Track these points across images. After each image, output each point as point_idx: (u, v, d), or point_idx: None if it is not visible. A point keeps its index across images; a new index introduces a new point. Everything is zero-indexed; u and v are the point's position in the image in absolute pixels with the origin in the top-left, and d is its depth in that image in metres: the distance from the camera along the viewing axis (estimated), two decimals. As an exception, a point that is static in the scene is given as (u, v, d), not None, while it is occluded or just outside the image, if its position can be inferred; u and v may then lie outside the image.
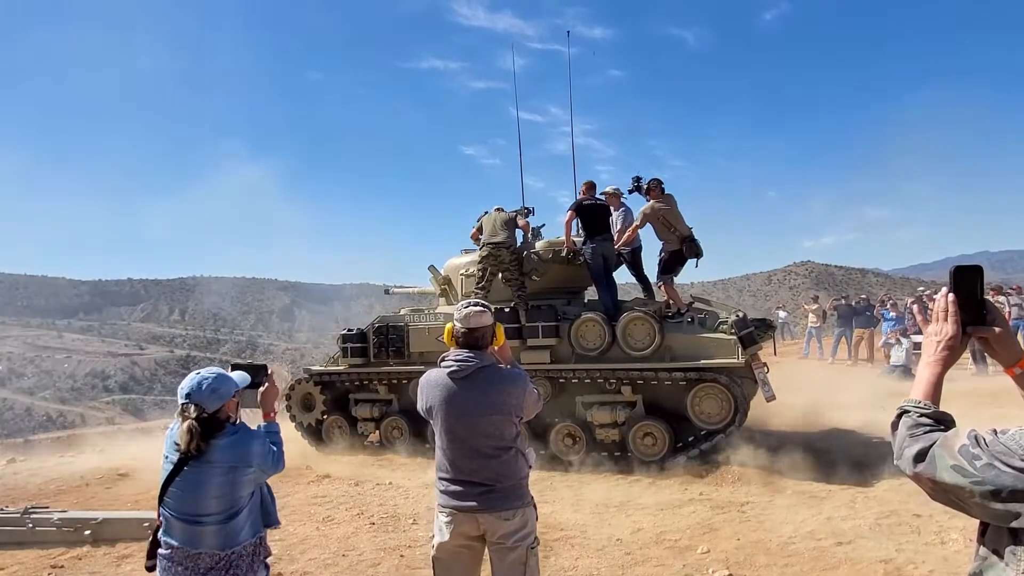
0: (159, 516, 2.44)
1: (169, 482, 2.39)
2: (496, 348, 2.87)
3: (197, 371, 2.53)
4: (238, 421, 2.58)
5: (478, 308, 2.78)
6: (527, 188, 10.46)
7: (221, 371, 2.56)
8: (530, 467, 2.87)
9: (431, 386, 2.79)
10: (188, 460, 2.37)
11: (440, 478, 2.78)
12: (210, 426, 2.41)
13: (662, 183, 7.96)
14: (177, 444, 2.39)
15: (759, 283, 71.65)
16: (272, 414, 2.79)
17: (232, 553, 2.39)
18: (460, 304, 2.84)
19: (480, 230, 8.53)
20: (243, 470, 2.43)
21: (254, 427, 2.64)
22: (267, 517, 2.60)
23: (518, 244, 8.47)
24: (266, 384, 2.77)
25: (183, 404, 2.44)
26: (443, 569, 2.77)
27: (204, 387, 2.45)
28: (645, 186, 8.03)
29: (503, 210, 8.53)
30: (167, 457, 2.45)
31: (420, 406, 2.85)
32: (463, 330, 2.76)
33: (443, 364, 2.79)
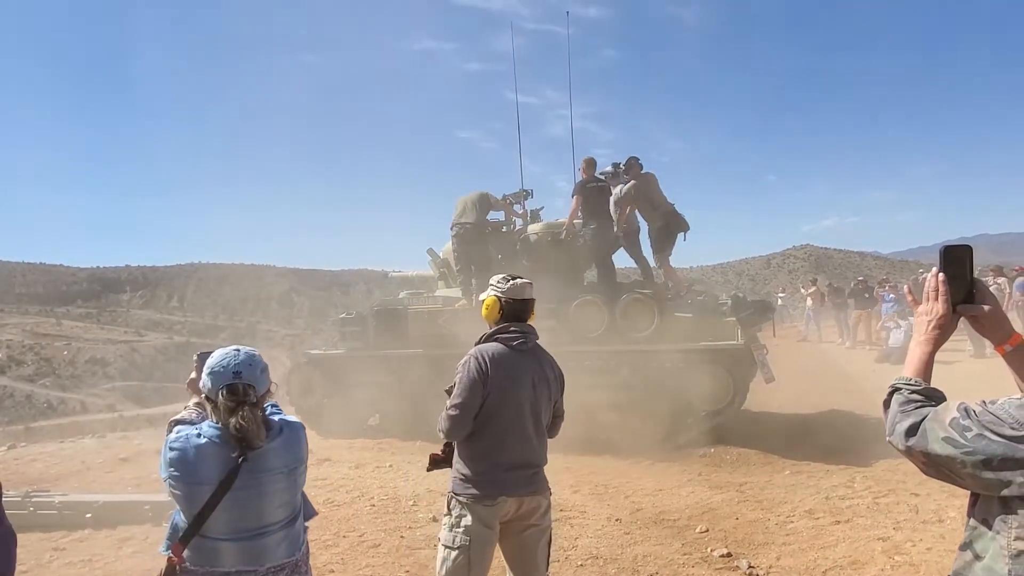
0: (181, 551, 1.93)
1: (215, 503, 1.88)
2: None
3: (235, 347, 2.05)
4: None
5: (526, 279, 2.80)
6: (525, 172, 10.43)
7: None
8: None
9: (495, 362, 2.62)
10: (239, 471, 1.90)
11: (490, 466, 2.60)
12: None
13: (639, 160, 8.01)
14: (222, 440, 1.91)
15: (758, 267, 71.59)
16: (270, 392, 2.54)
17: (300, 556, 2.08)
18: (497, 277, 2.81)
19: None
20: (299, 469, 2.08)
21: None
22: (306, 508, 2.24)
23: (514, 226, 8.48)
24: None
25: (229, 386, 1.93)
26: (479, 557, 2.59)
27: (254, 363, 2.01)
28: (623, 166, 8.07)
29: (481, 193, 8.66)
30: (185, 478, 1.91)
31: (477, 386, 2.59)
32: (513, 300, 2.73)
33: (502, 337, 2.69)
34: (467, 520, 2.58)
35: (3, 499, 1.92)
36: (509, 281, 2.75)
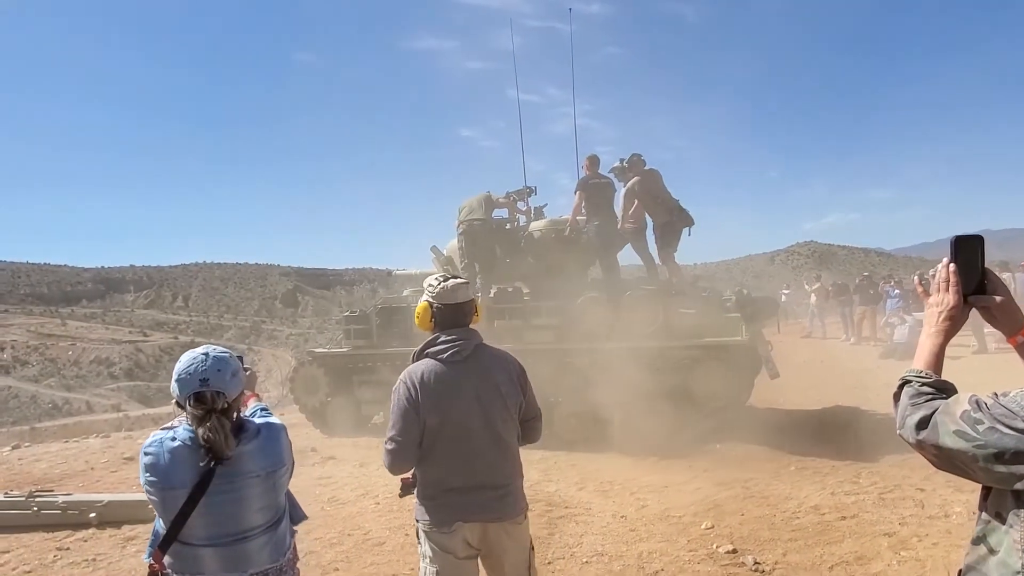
0: (162, 558, 1.89)
1: (190, 508, 1.84)
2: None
3: (203, 350, 1.99)
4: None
5: (461, 280, 2.50)
6: (527, 169, 10.43)
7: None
8: None
9: (425, 384, 2.35)
10: (212, 476, 1.85)
11: (442, 491, 2.39)
12: (233, 423, 1.95)
13: (642, 157, 8.02)
14: (195, 444, 1.86)
15: (762, 263, 71.63)
16: (257, 395, 2.48)
17: (285, 561, 2.03)
18: (431, 278, 2.52)
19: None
20: (279, 472, 2.01)
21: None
22: (294, 512, 2.20)
23: (518, 223, 8.47)
24: (248, 369, 2.41)
25: (197, 394, 1.88)
26: None
27: (224, 367, 1.94)
28: (627, 164, 8.08)
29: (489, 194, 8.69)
30: (160, 484, 1.86)
31: (410, 415, 2.34)
32: (445, 305, 2.43)
33: (431, 351, 2.42)
34: (430, 550, 2.42)
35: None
36: (441, 283, 2.44)
